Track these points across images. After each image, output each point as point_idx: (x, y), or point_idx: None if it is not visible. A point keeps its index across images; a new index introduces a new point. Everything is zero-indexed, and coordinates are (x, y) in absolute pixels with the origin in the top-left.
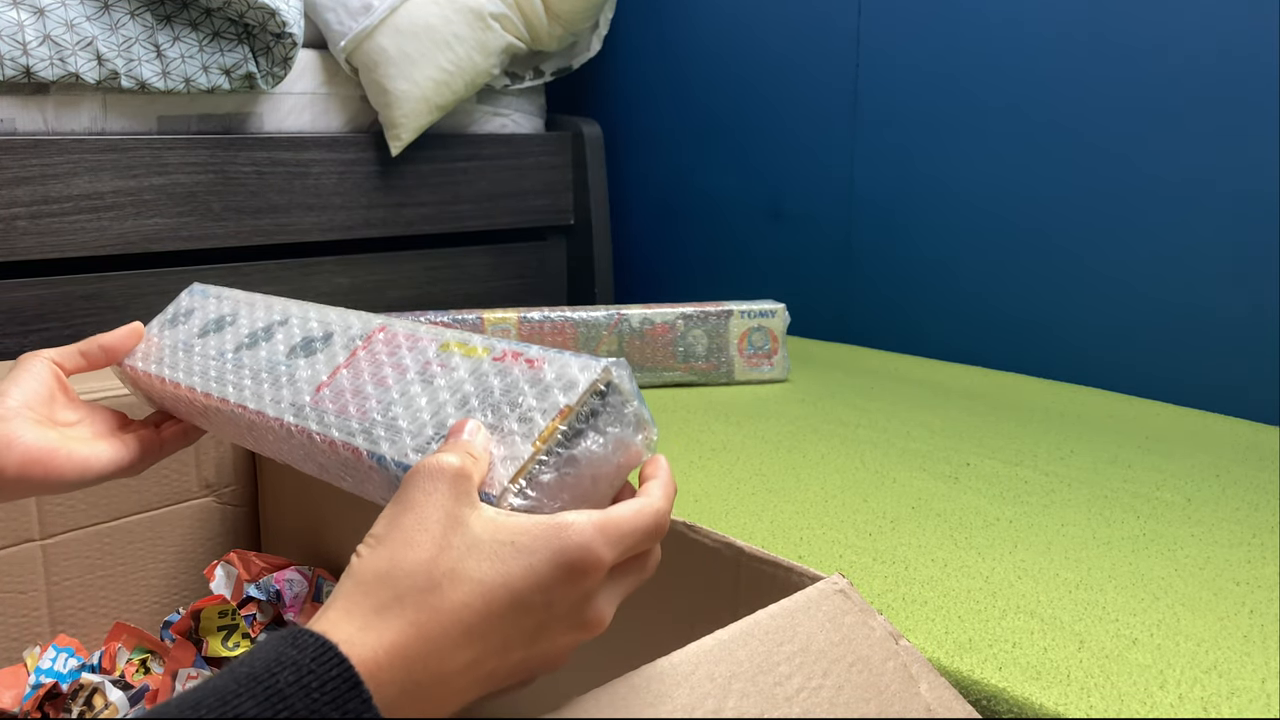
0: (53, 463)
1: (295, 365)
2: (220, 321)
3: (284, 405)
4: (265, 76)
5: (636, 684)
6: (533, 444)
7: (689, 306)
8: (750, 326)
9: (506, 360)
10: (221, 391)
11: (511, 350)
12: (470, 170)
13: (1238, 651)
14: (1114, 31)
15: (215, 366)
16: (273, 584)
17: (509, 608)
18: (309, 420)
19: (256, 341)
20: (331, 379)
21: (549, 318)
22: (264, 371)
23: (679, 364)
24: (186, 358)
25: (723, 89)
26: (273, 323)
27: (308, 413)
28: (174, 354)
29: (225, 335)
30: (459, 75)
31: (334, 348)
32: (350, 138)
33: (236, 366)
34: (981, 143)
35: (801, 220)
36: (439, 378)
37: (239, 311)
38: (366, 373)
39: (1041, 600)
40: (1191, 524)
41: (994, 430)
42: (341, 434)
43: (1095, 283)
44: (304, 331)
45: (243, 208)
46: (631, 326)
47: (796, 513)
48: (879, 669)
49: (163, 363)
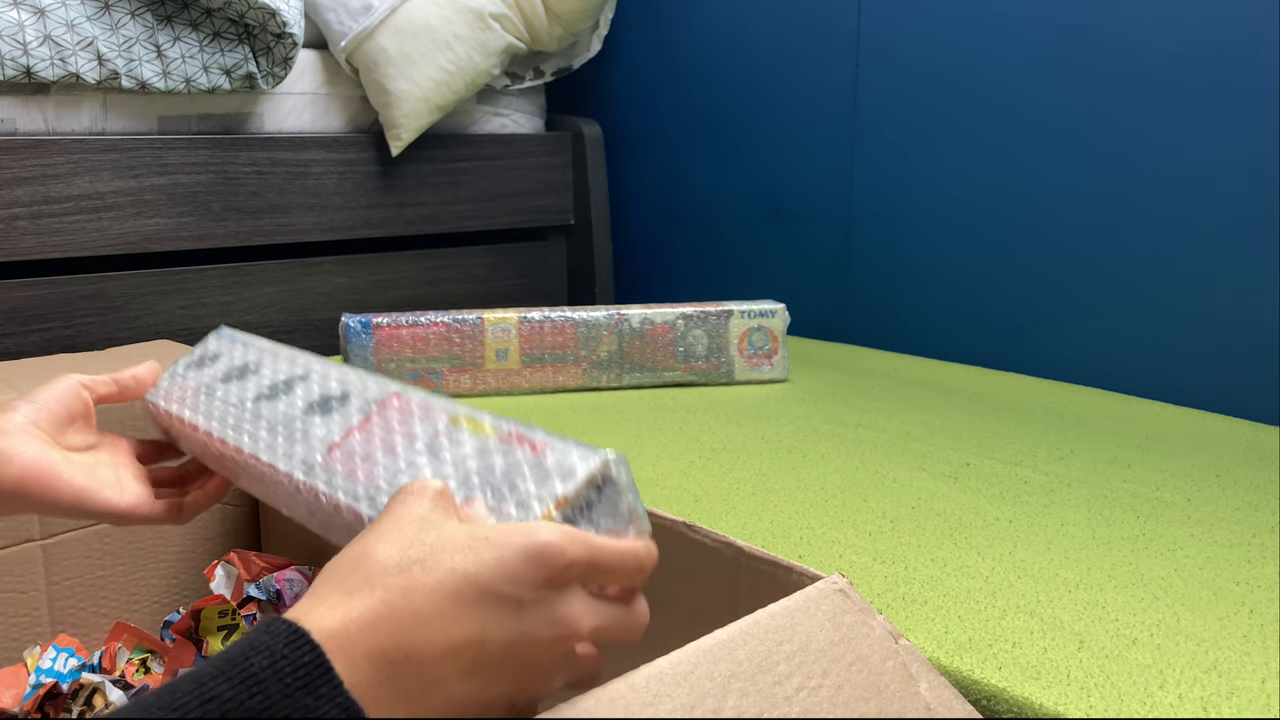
0: (50, 482)
1: (311, 422)
2: (244, 369)
3: (295, 461)
4: (266, 77)
5: (635, 683)
6: None
7: (689, 306)
8: (750, 327)
9: (511, 442)
10: (238, 440)
11: (517, 432)
12: (470, 170)
13: (1237, 651)
14: (1113, 32)
15: (234, 413)
16: (273, 584)
17: (479, 594)
18: (318, 479)
19: (276, 394)
20: (344, 440)
21: (549, 318)
22: (280, 425)
23: (679, 364)
24: (208, 401)
25: (723, 89)
26: (294, 376)
27: (318, 471)
28: (196, 396)
29: (247, 383)
30: (459, 75)
31: (350, 409)
32: (350, 138)
33: (255, 416)
34: (981, 142)
35: (801, 220)
36: (445, 450)
37: (262, 361)
38: (378, 438)
39: (1041, 600)
40: (1191, 524)
41: (994, 430)
42: (347, 497)
43: (1095, 283)
44: (323, 389)
45: (243, 208)
46: (631, 326)
47: (796, 513)
48: (878, 668)
49: (184, 403)
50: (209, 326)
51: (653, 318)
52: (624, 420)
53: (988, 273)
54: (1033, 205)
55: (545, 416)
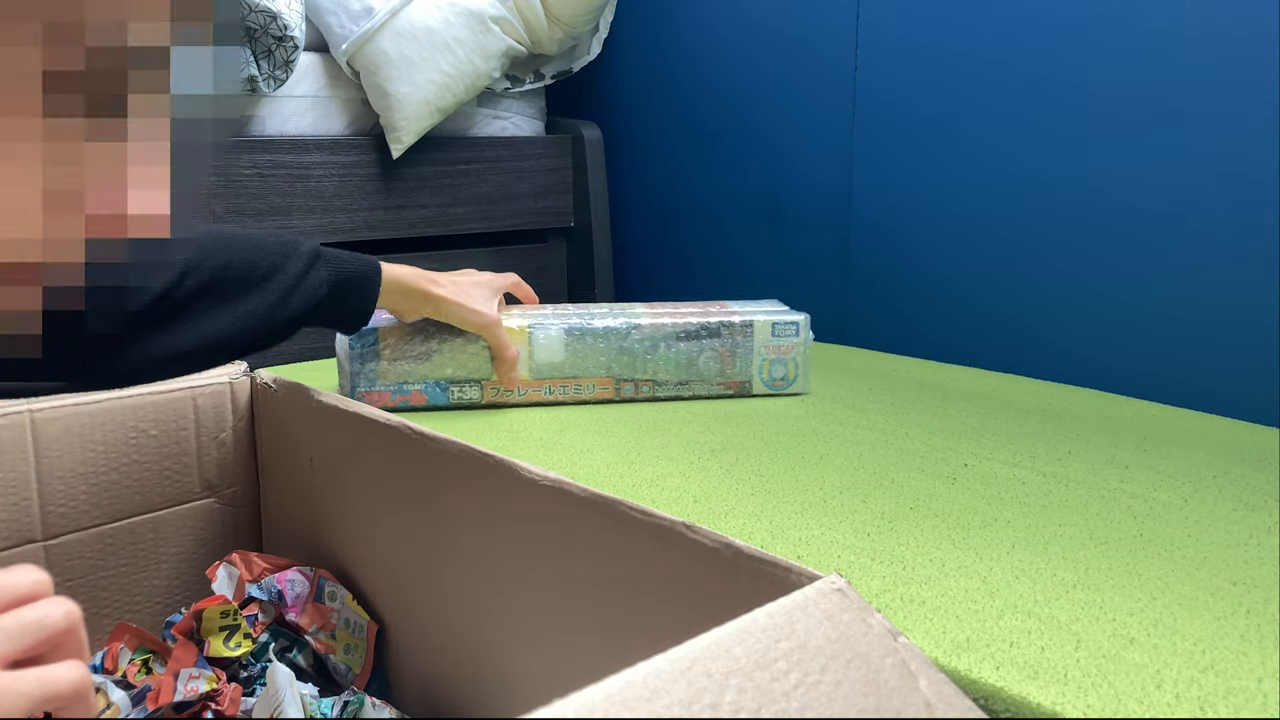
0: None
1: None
2: None
3: None
4: (267, 80)
5: (632, 679)
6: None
7: (712, 314)
8: (771, 359)
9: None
10: None
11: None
12: (471, 173)
13: (1235, 651)
14: (1112, 35)
15: None
16: (274, 584)
17: None
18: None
19: None
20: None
21: (572, 328)
22: None
23: (700, 385)
24: None
25: (722, 92)
26: None
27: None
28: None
29: None
30: (460, 78)
31: None
32: (351, 140)
33: None
34: (979, 144)
35: (800, 223)
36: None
37: None
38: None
39: (1039, 600)
40: (1189, 524)
41: (992, 431)
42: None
43: (1093, 284)
44: None
45: (245, 210)
46: (650, 345)
47: (795, 513)
48: (877, 665)
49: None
50: None
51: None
52: (623, 421)
53: (986, 274)
54: (1031, 206)
55: (548, 417)
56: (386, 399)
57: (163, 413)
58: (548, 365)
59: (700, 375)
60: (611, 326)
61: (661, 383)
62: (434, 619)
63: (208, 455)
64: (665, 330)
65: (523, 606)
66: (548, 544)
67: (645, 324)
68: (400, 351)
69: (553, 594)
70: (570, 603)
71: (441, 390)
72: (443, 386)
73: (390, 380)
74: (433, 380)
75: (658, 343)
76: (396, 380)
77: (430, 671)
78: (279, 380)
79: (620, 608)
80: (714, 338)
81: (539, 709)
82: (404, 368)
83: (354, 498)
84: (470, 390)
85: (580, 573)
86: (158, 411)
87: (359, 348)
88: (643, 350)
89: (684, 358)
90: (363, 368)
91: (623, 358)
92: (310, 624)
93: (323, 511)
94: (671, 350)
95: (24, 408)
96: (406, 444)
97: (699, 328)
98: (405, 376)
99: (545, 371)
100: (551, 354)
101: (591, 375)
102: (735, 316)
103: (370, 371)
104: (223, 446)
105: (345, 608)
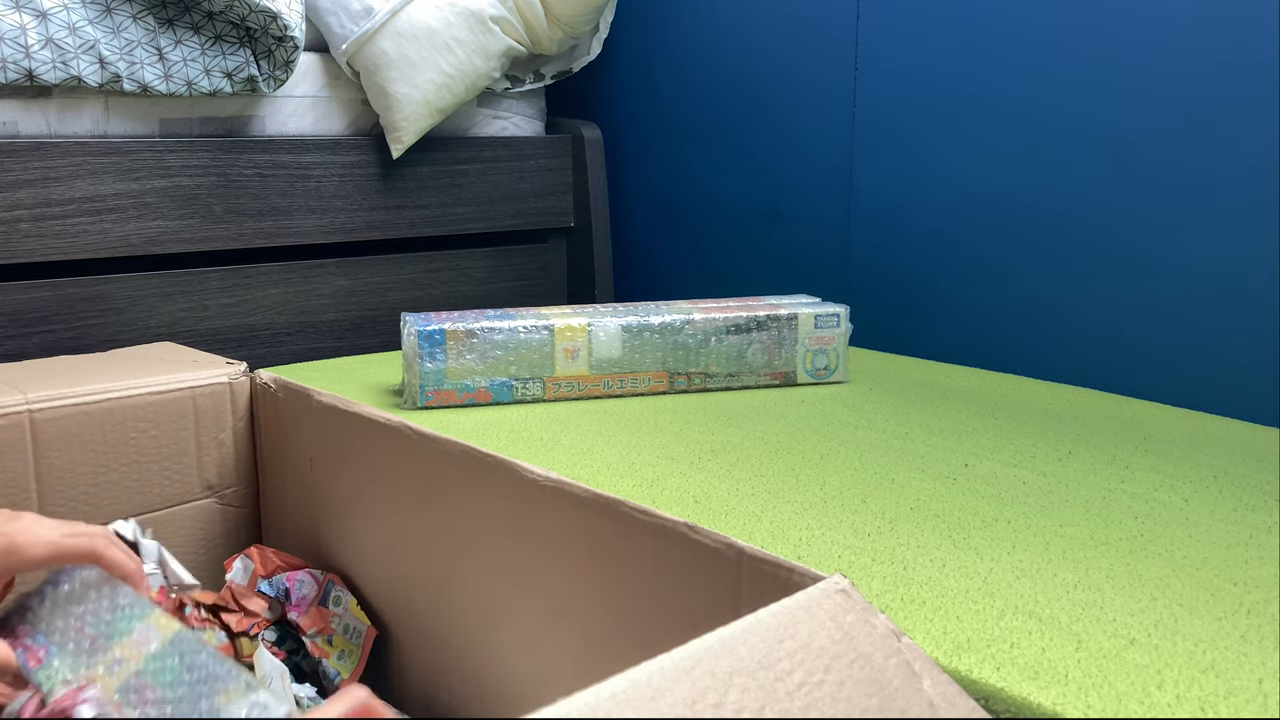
0: None
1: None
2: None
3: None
4: (267, 80)
5: (637, 678)
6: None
7: (758, 309)
8: (814, 350)
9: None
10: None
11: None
12: (471, 173)
13: (1235, 651)
14: (1113, 33)
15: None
16: (283, 582)
17: None
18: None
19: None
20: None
21: (627, 325)
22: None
23: (748, 374)
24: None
25: (722, 91)
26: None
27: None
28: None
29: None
30: (460, 78)
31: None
32: (351, 140)
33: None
34: (979, 143)
35: (800, 222)
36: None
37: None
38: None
39: (1040, 600)
40: (1189, 524)
41: (992, 431)
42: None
43: (1093, 284)
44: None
45: (245, 210)
46: (701, 340)
47: (796, 513)
48: (881, 665)
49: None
50: (211, 328)
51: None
52: (624, 422)
53: (986, 274)
54: (1031, 206)
55: (548, 418)
56: (453, 397)
57: (163, 413)
58: (606, 360)
59: (749, 367)
60: (666, 322)
61: (712, 375)
62: (434, 618)
63: (208, 455)
64: (716, 324)
65: (524, 606)
66: (549, 544)
67: (697, 319)
68: (466, 351)
69: (555, 594)
70: (573, 603)
71: (506, 388)
72: (507, 384)
73: (457, 379)
74: (498, 379)
75: (709, 337)
76: (463, 378)
77: (430, 671)
78: (279, 380)
79: (623, 608)
80: (761, 330)
81: (543, 708)
82: (470, 366)
83: (354, 498)
84: (533, 387)
85: (583, 573)
86: (158, 411)
87: (428, 348)
88: (695, 344)
89: (734, 350)
90: (431, 368)
91: (677, 352)
92: (310, 626)
93: (322, 511)
94: (722, 344)
95: (24, 408)
96: (406, 444)
97: (748, 321)
98: (471, 375)
99: (603, 366)
100: (610, 349)
101: (647, 369)
102: (780, 310)
103: (439, 371)
104: (223, 446)
105: (348, 613)
